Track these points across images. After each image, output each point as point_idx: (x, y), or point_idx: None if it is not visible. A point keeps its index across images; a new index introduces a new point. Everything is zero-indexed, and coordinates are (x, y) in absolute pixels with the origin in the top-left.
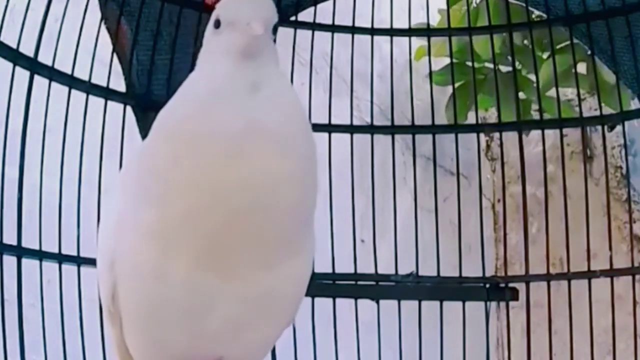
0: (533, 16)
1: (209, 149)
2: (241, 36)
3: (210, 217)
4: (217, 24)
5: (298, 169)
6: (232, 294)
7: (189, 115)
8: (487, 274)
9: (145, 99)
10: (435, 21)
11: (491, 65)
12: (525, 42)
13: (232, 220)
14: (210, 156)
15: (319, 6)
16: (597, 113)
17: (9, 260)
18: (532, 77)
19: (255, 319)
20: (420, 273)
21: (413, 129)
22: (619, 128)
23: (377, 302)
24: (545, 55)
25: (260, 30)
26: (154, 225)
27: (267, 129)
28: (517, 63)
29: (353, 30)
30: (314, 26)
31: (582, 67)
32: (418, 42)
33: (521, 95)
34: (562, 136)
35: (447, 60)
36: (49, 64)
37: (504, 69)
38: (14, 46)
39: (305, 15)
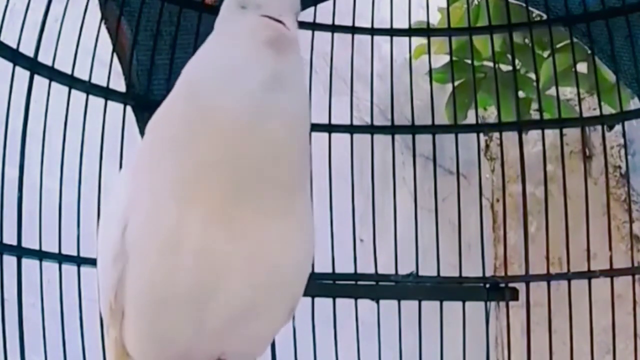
0: (533, 15)
1: (233, 108)
2: (270, 28)
3: (227, 166)
4: (242, 2)
5: (300, 136)
6: (240, 265)
7: (218, 75)
8: (487, 274)
9: (145, 99)
10: (436, 19)
11: (491, 64)
12: (526, 40)
13: (247, 170)
14: (232, 114)
15: (319, 6)
16: (597, 113)
17: (9, 260)
18: (532, 75)
19: (259, 300)
20: (420, 273)
21: (413, 129)
22: (618, 127)
23: (377, 302)
24: (545, 54)
25: (293, 28)
26: (173, 173)
27: (283, 105)
28: (517, 62)
29: (353, 30)
30: (314, 26)
31: (582, 67)
32: (417, 40)
33: (521, 93)
34: (562, 136)
35: (447, 58)
36: (49, 64)
37: (504, 67)
38: (14, 46)
39: (305, 15)
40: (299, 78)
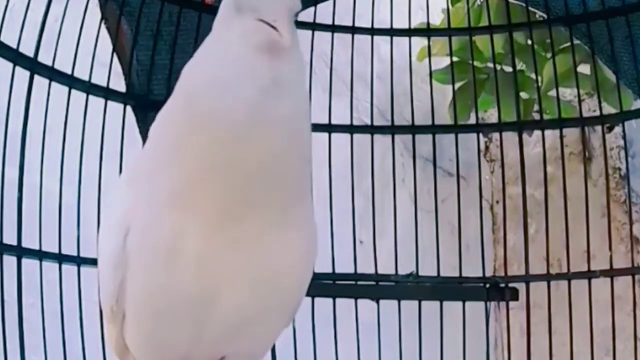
0: (537, 16)
1: (227, 117)
2: (264, 32)
3: (224, 175)
4: (238, 4)
5: (300, 144)
6: (241, 274)
7: (213, 83)
8: (486, 275)
9: (145, 99)
10: (439, 20)
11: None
12: (529, 41)
13: (245, 179)
14: (227, 123)
15: (319, 6)
16: (597, 114)
17: (9, 260)
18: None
19: (259, 308)
20: (420, 273)
21: (413, 129)
22: (617, 129)
23: (377, 302)
24: (549, 55)
25: (286, 34)
26: (170, 182)
27: (279, 113)
28: (520, 62)
29: (353, 30)
30: (314, 26)
31: (585, 68)
32: (420, 43)
33: (523, 94)
34: (561, 137)
35: (449, 59)
36: (49, 64)
37: (507, 68)
38: (14, 46)
39: (305, 15)
40: (297, 83)
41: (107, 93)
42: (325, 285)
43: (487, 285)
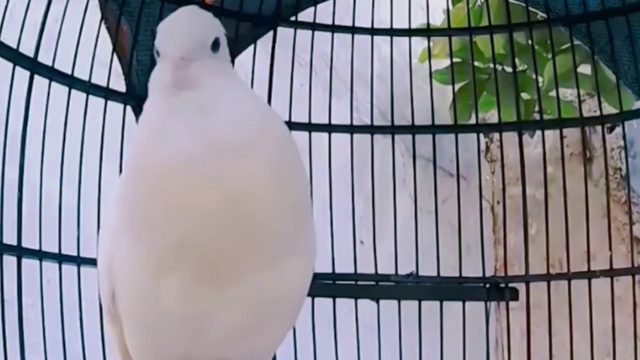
0: (538, 16)
1: (173, 176)
2: (169, 70)
3: (194, 240)
4: (157, 53)
5: (272, 174)
6: (232, 300)
7: (143, 147)
8: (486, 275)
9: (145, 99)
10: (439, 20)
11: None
12: (530, 41)
13: (216, 237)
14: (176, 182)
15: (319, 6)
16: (598, 114)
17: (9, 260)
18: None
19: (259, 322)
20: (420, 273)
21: (413, 129)
22: (618, 129)
23: (377, 302)
24: (549, 55)
25: (184, 65)
26: (143, 256)
27: (227, 143)
28: (521, 63)
29: (353, 30)
30: (314, 26)
31: (586, 68)
32: (421, 44)
33: (525, 95)
34: (562, 137)
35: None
36: (49, 64)
37: (508, 68)
38: (14, 46)
39: (305, 15)
40: (240, 103)
41: (107, 93)
42: (325, 285)
43: (487, 286)
